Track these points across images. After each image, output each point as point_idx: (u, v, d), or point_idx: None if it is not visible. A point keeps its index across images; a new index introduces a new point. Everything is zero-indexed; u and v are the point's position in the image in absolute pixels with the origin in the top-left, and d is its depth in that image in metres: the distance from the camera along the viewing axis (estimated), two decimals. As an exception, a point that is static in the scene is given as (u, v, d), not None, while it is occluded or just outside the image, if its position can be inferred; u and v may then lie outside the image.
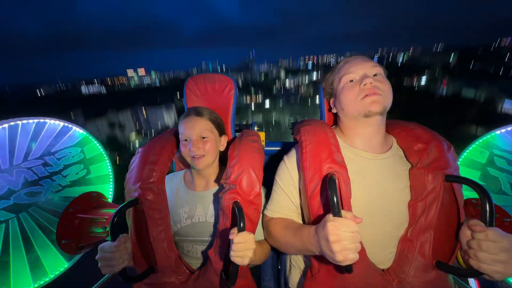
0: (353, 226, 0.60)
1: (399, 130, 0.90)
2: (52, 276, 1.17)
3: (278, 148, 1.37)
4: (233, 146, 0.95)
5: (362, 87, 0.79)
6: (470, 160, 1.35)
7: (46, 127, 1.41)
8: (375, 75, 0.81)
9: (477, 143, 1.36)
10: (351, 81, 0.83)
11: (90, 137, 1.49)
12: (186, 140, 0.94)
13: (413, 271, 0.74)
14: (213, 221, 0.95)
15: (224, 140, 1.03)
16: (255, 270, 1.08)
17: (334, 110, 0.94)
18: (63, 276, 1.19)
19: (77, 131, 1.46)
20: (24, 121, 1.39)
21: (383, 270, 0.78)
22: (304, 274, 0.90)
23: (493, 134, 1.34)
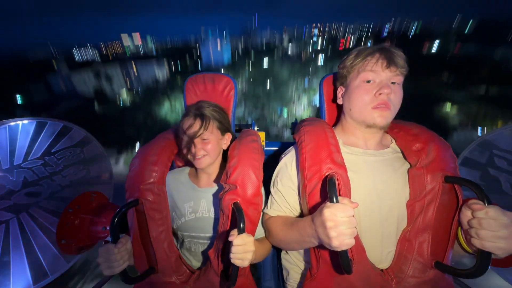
0: (350, 210, 0.60)
1: (397, 130, 0.90)
2: (52, 276, 1.17)
3: (278, 148, 1.37)
4: (233, 146, 0.95)
5: (377, 96, 0.77)
6: (470, 160, 1.34)
7: (46, 127, 1.41)
8: (393, 82, 0.78)
9: (477, 143, 1.35)
10: (369, 81, 0.80)
11: (90, 137, 1.49)
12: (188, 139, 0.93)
13: (412, 271, 0.74)
14: (215, 217, 0.95)
15: (227, 138, 1.01)
16: (255, 270, 1.08)
17: (339, 102, 0.91)
18: (63, 277, 1.19)
19: (77, 131, 1.47)
20: (25, 121, 1.40)
21: (382, 270, 0.78)
22: (303, 274, 0.90)
23: (493, 134, 1.33)
